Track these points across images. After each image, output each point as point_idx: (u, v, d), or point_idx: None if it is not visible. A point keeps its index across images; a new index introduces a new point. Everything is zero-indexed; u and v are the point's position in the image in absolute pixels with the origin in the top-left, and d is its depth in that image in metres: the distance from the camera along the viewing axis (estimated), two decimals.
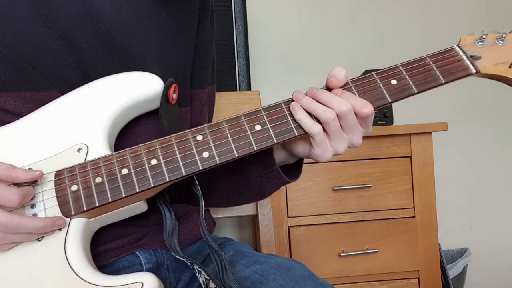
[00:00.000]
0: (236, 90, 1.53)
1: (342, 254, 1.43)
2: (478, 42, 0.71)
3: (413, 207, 1.47)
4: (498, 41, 0.71)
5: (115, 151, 0.66)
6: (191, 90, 0.82)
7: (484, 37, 0.70)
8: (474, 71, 0.69)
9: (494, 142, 1.99)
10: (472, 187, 1.97)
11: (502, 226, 1.99)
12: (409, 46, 1.93)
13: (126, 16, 0.73)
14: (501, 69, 0.69)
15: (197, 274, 0.67)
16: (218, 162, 0.64)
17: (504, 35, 0.70)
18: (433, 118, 1.53)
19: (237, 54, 1.55)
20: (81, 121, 0.66)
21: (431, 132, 1.47)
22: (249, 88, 1.55)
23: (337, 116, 0.63)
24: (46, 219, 0.59)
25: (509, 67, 0.69)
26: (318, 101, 0.65)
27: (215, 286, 0.64)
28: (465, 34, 0.74)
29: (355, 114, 0.64)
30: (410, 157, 1.47)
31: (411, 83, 0.67)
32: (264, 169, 0.75)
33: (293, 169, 0.78)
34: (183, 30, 0.80)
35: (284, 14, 1.90)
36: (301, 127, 0.65)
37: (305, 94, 0.67)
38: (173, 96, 0.70)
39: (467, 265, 1.75)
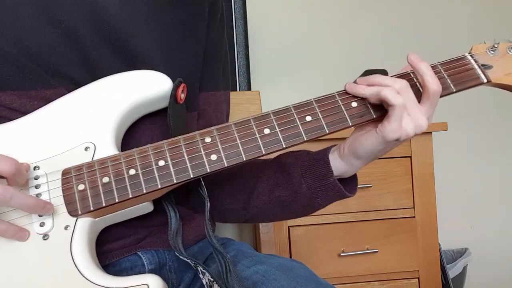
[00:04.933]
0: (236, 90, 1.53)
1: (342, 254, 1.43)
2: (489, 51, 0.70)
3: (413, 207, 1.47)
4: (510, 51, 0.70)
5: (121, 150, 0.66)
6: (200, 92, 0.81)
7: (496, 46, 0.70)
8: (485, 80, 0.68)
9: (494, 142, 1.99)
10: (472, 187, 1.97)
11: (502, 226, 1.99)
12: (410, 46, 1.93)
13: (131, 16, 0.72)
14: None
15: (201, 275, 0.67)
16: (226, 165, 0.63)
17: None
18: (433, 118, 1.53)
19: (237, 54, 1.55)
20: (89, 119, 0.66)
21: (431, 132, 1.47)
22: (249, 88, 1.55)
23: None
24: (39, 200, 0.59)
25: None
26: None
27: (219, 287, 0.64)
28: (465, 34, 0.74)
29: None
30: (410, 157, 1.47)
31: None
32: (318, 182, 0.71)
33: (348, 183, 0.73)
34: (191, 33, 0.79)
35: (284, 14, 1.89)
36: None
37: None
38: (182, 96, 0.70)
39: (467, 265, 1.75)
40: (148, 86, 0.67)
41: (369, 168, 1.46)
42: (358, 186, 1.43)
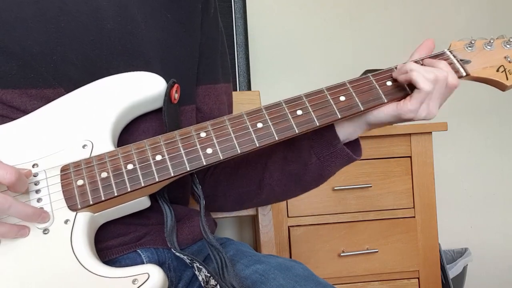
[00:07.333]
0: (236, 90, 1.53)
1: (342, 254, 1.43)
2: (467, 47, 0.75)
3: (413, 207, 1.47)
4: (486, 47, 0.75)
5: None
6: (199, 86, 0.82)
7: (473, 42, 0.75)
8: (464, 74, 0.73)
9: (494, 142, 1.99)
10: (472, 187, 1.97)
11: (502, 226, 1.99)
12: (409, 46, 1.93)
13: (131, 16, 0.74)
14: (489, 72, 0.74)
15: (197, 272, 0.67)
16: (221, 158, 0.65)
17: (491, 41, 0.75)
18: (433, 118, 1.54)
19: (237, 54, 1.55)
20: (86, 118, 0.67)
21: (431, 132, 1.47)
22: (249, 88, 1.56)
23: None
24: (36, 209, 0.59)
25: (497, 70, 0.73)
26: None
27: (216, 283, 0.64)
28: (465, 34, 0.76)
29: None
30: (410, 157, 1.47)
31: (405, 84, 0.70)
32: (325, 149, 0.74)
33: (353, 147, 0.76)
34: (187, 30, 0.80)
35: (284, 14, 1.90)
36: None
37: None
38: (175, 96, 0.71)
39: (467, 265, 1.75)
40: (143, 87, 0.69)
41: (369, 168, 1.47)
42: (358, 186, 1.45)
